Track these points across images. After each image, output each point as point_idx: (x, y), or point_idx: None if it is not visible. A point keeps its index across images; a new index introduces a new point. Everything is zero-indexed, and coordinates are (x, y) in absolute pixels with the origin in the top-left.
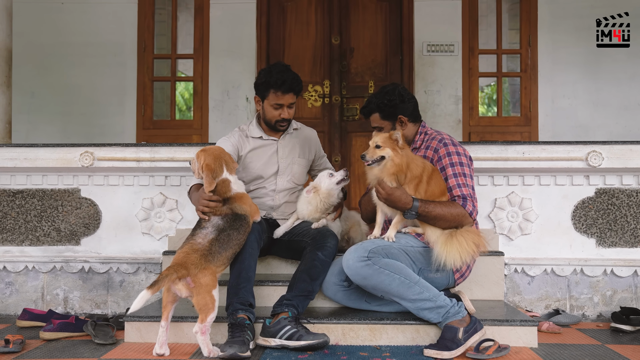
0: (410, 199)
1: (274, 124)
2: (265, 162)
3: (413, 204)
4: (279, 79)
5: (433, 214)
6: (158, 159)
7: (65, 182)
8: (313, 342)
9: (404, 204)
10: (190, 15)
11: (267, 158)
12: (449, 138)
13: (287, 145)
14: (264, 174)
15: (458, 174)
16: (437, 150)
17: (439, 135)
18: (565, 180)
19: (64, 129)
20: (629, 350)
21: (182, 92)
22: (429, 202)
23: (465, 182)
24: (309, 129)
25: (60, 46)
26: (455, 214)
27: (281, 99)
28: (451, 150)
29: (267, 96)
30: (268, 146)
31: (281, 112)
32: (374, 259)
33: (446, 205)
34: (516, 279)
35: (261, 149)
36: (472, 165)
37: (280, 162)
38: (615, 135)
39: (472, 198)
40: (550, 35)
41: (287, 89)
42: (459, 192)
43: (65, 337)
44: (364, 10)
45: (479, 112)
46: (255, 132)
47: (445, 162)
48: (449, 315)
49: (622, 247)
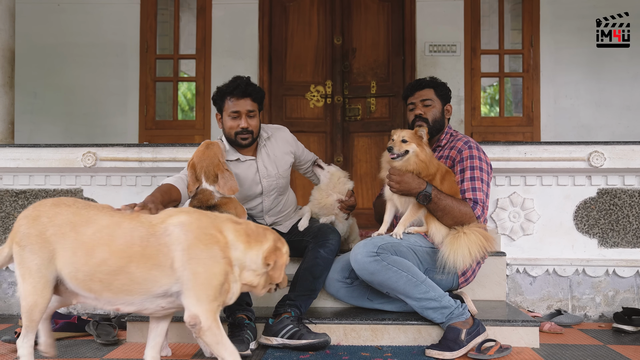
0: (424, 182)
1: (235, 137)
2: (249, 186)
3: (427, 186)
4: (232, 84)
5: (443, 203)
6: (160, 159)
7: (68, 183)
8: (314, 341)
9: (418, 185)
10: (193, 16)
11: (250, 181)
12: (475, 143)
13: (267, 160)
14: (247, 197)
15: (476, 177)
16: (461, 151)
17: (465, 137)
18: (567, 181)
19: (66, 129)
20: (631, 351)
21: (185, 93)
22: (441, 192)
23: (481, 187)
24: (281, 130)
25: (63, 47)
26: (463, 211)
27: (237, 105)
28: (474, 154)
29: (223, 106)
30: (249, 167)
31: (239, 122)
32: (382, 255)
33: (456, 200)
34: (518, 280)
35: (243, 172)
36: (491, 174)
37: (263, 182)
38: (618, 136)
39: (483, 204)
40: (553, 35)
41: (241, 93)
42: (471, 195)
43: (67, 337)
44: (366, 11)
45: (481, 113)
46: (232, 154)
47: (466, 164)
48: (453, 316)
49: (624, 248)
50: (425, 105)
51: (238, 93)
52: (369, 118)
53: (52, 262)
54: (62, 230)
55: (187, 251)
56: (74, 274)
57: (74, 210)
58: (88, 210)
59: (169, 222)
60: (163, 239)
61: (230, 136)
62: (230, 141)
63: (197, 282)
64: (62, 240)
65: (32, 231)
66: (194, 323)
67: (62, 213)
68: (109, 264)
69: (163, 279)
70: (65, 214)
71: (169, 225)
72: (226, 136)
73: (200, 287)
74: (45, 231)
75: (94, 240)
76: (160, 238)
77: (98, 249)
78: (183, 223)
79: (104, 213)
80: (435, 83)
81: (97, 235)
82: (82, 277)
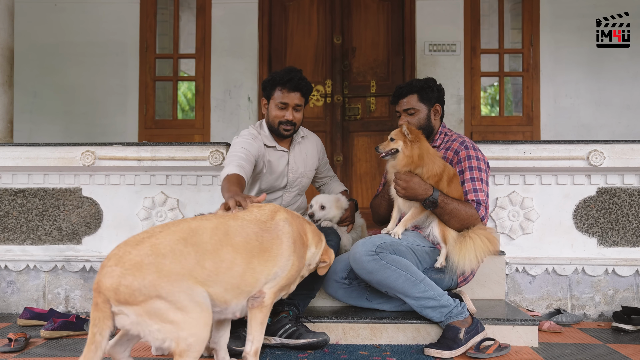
0: (430, 187)
1: (277, 126)
2: (277, 177)
3: (433, 192)
4: (286, 76)
5: (450, 207)
6: (159, 158)
7: (67, 182)
8: (312, 340)
9: (424, 191)
10: (192, 15)
11: (279, 172)
12: (470, 142)
13: (298, 156)
14: (272, 188)
15: (475, 178)
16: (458, 152)
17: (461, 137)
18: (567, 180)
19: (66, 129)
20: (630, 350)
21: (185, 92)
22: (447, 196)
23: (482, 187)
24: (314, 136)
25: (62, 46)
26: (469, 213)
27: (286, 97)
28: (472, 154)
29: (272, 95)
30: (281, 158)
31: (285, 113)
32: (381, 254)
33: (462, 203)
34: (517, 279)
35: (276, 161)
36: (489, 172)
37: (290, 176)
38: (618, 135)
39: (485, 204)
40: (553, 34)
41: (293, 87)
42: (473, 197)
43: (65, 336)
44: (365, 10)
45: (481, 112)
46: (269, 140)
47: (465, 165)
48: (452, 315)
49: (623, 247)
50: (410, 114)
51: (290, 86)
52: (369, 117)
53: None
54: (178, 250)
55: (293, 244)
56: (211, 289)
57: (174, 229)
58: (184, 223)
59: (277, 218)
60: (276, 232)
61: (273, 124)
62: (272, 129)
63: (286, 272)
64: (189, 259)
65: (175, 267)
66: (259, 296)
67: (167, 237)
68: (237, 263)
69: (271, 272)
70: (168, 236)
71: (279, 221)
72: (269, 123)
73: (285, 277)
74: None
75: (215, 244)
76: (273, 232)
77: (223, 250)
78: (287, 219)
79: (202, 219)
80: (417, 87)
81: (214, 238)
82: (217, 288)
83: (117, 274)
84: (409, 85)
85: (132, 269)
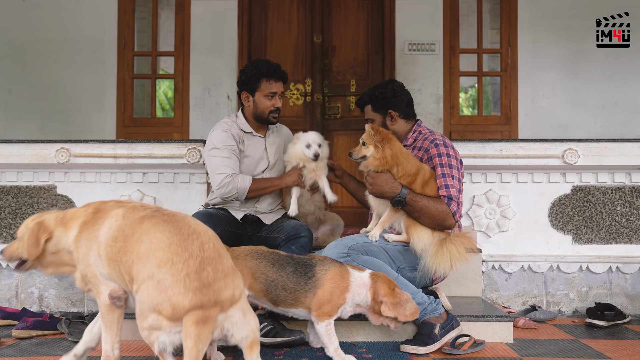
0: (399, 185)
1: (267, 115)
2: (258, 159)
3: (401, 191)
4: (270, 67)
5: (419, 204)
6: (135, 155)
7: (41, 179)
8: (289, 339)
9: (392, 189)
10: (172, 13)
11: (259, 155)
12: (442, 139)
13: (274, 142)
14: (255, 170)
15: (446, 174)
16: (428, 150)
17: (432, 135)
18: (542, 178)
19: (42, 127)
20: (602, 345)
21: (166, 91)
22: (416, 193)
23: (453, 183)
24: (285, 127)
25: (38, 42)
26: (440, 210)
27: (274, 87)
28: (442, 152)
29: (258, 87)
30: (258, 143)
31: (275, 102)
32: (353, 255)
33: (432, 199)
34: (494, 276)
35: (253, 145)
36: (462, 169)
37: (270, 159)
38: (594, 134)
39: (457, 200)
40: (530, 35)
41: (279, 76)
42: (445, 192)
43: (38, 335)
44: (345, 9)
45: (459, 111)
46: (246, 126)
47: (435, 162)
48: (427, 312)
49: (597, 244)
50: (371, 122)
51: (277, 76)
52: (349, 116)
53: None
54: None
55: None
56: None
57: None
58: None
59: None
60: None
61: (262, 114)
62: (260, 119)
63: None
64: None
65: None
66: None
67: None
68: None
69: None
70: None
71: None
72: (257, 114)
73: None
74: None
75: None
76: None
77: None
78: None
79: None
80: (369, 98)
81: None
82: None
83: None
84: (363, 95)
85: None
